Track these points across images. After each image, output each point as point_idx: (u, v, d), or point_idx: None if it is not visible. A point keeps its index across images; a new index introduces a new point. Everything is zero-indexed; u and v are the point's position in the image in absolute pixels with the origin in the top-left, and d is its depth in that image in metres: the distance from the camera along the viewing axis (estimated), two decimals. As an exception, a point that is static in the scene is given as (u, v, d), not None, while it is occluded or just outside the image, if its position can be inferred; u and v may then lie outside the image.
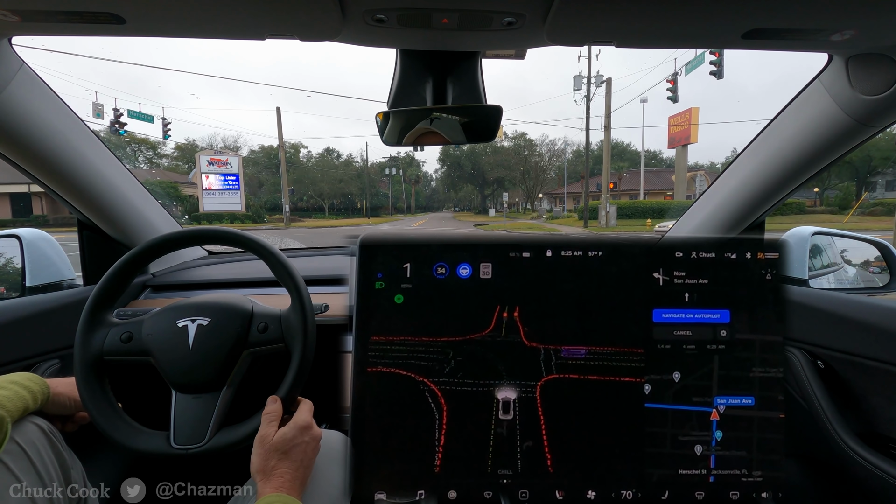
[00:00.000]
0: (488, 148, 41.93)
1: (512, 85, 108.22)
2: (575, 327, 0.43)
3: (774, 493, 0.43)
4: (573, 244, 0.44)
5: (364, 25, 0.59)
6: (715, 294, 0.44)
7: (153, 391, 0.84)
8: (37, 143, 0.81)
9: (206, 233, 0.82)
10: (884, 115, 0.71)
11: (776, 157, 0.89)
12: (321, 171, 45.76)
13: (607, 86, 18.96)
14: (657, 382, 0.43)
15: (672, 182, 25.75)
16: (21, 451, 0.61)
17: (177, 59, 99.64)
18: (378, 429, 0.42)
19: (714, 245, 0.44)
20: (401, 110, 0.72)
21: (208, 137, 47.04)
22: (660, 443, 0.43)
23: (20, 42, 0.71)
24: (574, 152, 43.36)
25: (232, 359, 0.75)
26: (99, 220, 1.06)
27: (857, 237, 1.26)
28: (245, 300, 0.81)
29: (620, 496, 0.42)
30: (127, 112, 19.07)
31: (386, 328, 0.43)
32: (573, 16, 0.56)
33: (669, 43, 0.64)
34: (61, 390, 0.72)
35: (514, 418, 0.42)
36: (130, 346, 0.74)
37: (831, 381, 0.89)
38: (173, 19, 0.58)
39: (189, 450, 0.70)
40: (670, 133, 21.66)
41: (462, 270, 0.43)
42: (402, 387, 0.44)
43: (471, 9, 0.55)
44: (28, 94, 0.76)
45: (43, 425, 0.67)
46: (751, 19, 0.56)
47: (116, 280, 0.77)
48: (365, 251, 0.43)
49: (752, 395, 0.44)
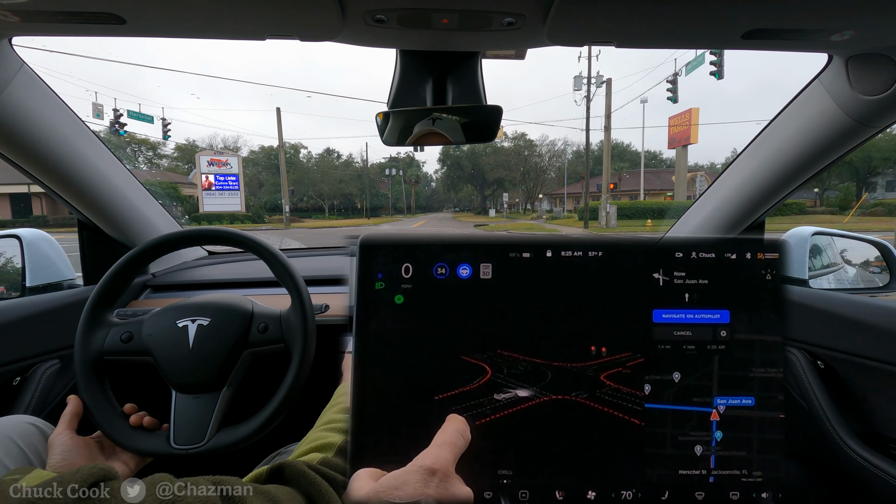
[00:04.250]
0: (488, 148, 41.94)
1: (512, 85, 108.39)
2: (575, 327, 0.43)
3: (774, 493, 0.43)
4: (573, 244, 0.43)
5: (364, 25, 0.59)
6: (715, 294, 0.44)
7: (153, 391, 0.84)
8: (37, 143, 0.81)
9: (206, 233, 0.82)
10: (884, 115, 0.71)
11: (776, 158, 0.89)
12: (321, 172, 45.77)
13: (607, 86, 18.97)
14: (657, 383, 0.43)
15: (672, 182, 25.76)
16: (21, 452, 0.61)
17: (177, 59, 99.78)
18: (378, 429, 0.42)
19: (714, 245, 0.44)
20: (401, 110, 0.72)
21: (208, 138, 47.10)
22: (660, 443, 0.43)
23: (20, 42, 0.71)
24: (574, 153, 43.40)
25: (232, 359, 0.75)
26: (99, 221, 1.06)
27: (857, 237, 1.26)
28: (245, 300, 0.81)
29: (620, 496, 0.42)
30: (127, 112, 19.08)
31: (386, 328, 0.43)
32: (573, 16, 0.56)
33: (669, 43, 0.64)
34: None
35: (514, 418, 0.42)
36: (130, 346, 0.74)
37: (831, 381, 0.89)
38: (173, 19, 0.58)
39: (189, 450, 0.70)
40: (670, 133, 21.67)
41: (462, 271, 0.43)
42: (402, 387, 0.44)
43: (471, 9, 0.55)
44: (28, 95, 0.76)
45: (41, 426, 0.67)
46: (751, 19, 0.56)
47: (116, 280, 0.77)
48: (365, 251, 0.43)
49: (752, 396, 0.44)
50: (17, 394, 0.89)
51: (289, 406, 0.73)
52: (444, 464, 0.36)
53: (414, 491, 0.34)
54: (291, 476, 0.48)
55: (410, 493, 0.34)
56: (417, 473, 0.35)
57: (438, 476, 0.35)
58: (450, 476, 0.36)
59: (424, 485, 0.34)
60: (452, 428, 0.39)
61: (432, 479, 0.35)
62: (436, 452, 0.37)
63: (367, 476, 0.37)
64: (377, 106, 0.75)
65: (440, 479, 0.35)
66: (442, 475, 0.35)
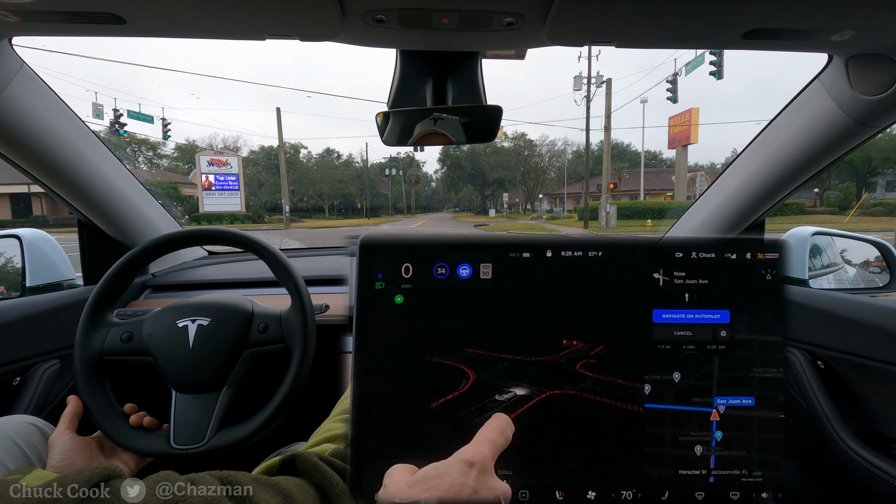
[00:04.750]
0: (488, 148, 41.94)
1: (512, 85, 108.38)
2: (575, 327, 0.43)
3: (774, 493, 0.43)
4: (573, 244, 0.43)
5: (364, 26, 0.59)
6: (715, 294, 0.44)
7: (153, 391, 0.84)
8: (37, 143, 0.81)
9: (206, 233, 0.82)
10: (884, 115, 0.71)
11: (776, 158, 0.89)
12: (321, 172, 45.76)
13: (607, 86, 18.96)
14: (657, 383, 0.43)
15: (672, 182, 25.75)
16: (21, 452, 0.61)
17: (177, 59, 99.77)
18: (378, 429, 0.42)
19: (714, 245, 0.44)
20: (401, 110, 0.72)
21: (208, 138, 47.04)
22: (660, 443, 0.43)
23: (20, 42, 0.71)
24: (574, 153, 43.37)
25: (232, 359, 0.75)
26: (99, 221, 1.06)
27: (857, 237, 1.26)
28: (245, 300, 0.81)
29: (620, 496, 0.42)
30: (127, 112, 19.08)
31: (386, 328, 0.43)
32: (573, 16, 0.56)
33: (669, 43, 0.64)
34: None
35: (514, 418, 0.42)
36: (131, 346, 0.74)
37: (831, 381, 0.89)
38: (173, 19, 0.58)
39: (189, 450, 0.70)
40: (670, 133, 21.66)
41: (462, 271, 0.43)
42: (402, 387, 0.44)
43: (471, 9, 0.55)
44: (28, 95, 0.76)
45: (41, 426, 0.67)
46: (751, 19, 0.56)
47: (116, 280, 0.77)
48: (365, 251, 0.43)
49: (752, 396, 0.44)
50: (17, 394, 0.89)
51: (289, 406, 0.73)
52: (482, 458, 0.37)
53: (453, 480, 0.35)
54: (303, 467, 0.49)
55: (449, 483, 0.35)
56: (457, 465, 0.36)
57: (477, 469, 0.36)
58: (488, 470, 0.37)
59: (463, 476, 0.35)
60: (494, 426, 0.40)
61: (471, 471, 0.36)
62: (476, 447, 0.38)
63: (402, 471, 0.38)
64: (377, 106, 0.75)
65: (478, 473, 0.36)
66: (480, 468, 0.36)
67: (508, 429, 0.40)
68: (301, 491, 0.46)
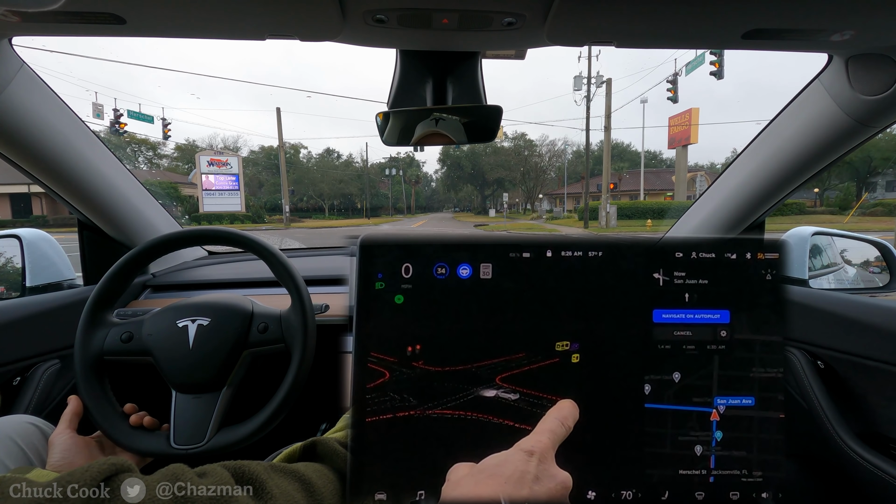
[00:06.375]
0: (488, 148, 41.93)
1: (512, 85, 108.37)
2: (575, 327, 0.43)
3: (774, 493, 0.43)
4: (573, 244, 0.43)
5: (364, 26, 0.59)
6: (715, 294, 0.44)
7: (153, 391, 0.84)
8: (37, 143, 0.81)
9: (206, 233, 0.82)
10: (884, 115, 0.71)
11: (776, 158, 0.89)
12: (321, 172, 45.76)
13: (607, 86, 18.96)
14: (657, 383, 0.43)
15: (672, 182, 25.75)
16: (21, 452, 0.61)
17: (177, 59, 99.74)
18: (378, 428, 0.41)
19: (714, 245, 0.44)
20: (401, 110, 0.72)
21: (208, 138, 47.08)
22: (660, 443, 0.43)
23: (20, 42, 0.71)
24: (574, 153, 43.36)
25: (232, 359, 0.75)
26: (99, 221, 1.06)
27: (857, 237, 1.26)
28: (245, 300, 0.81)
29: (620, 496, 0.42)
30: (127, 112, 19.07)
31: (386, 328, 0.43)
32: (573, 16, 0.56)
33: (669, 43, 0.64)
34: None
35: (514, 418, 0.42)
36: (131, 346, 0.74)
37: (831, 381, 0.89)
38: (173, 19, 0.58)
39: (189, 450, 0.70)
40: (670, 133, 21.66)
41: (462, 271, 0.43)
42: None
43: (471, 9, 0.55)
44: (28, 95, 0.76)
45: (41, 426, 0.67)
46: (751, 19, 0.56)
47: (116, 280, 0.77)
48: (365, 251, 0.43)
49: (752, 396, 0.44)
50: (18, 394, 0.89)
51: (289, 406, 0.73)
52: (542, 448, 0.38)
53: (514, 468, 0.36)
54: (323, 453, 0.50)
55: (511, 470, 0.36)
56: (517, 454, 0.37)
57: (537, 457, 0.37)
58: (548, 459, 0.38)
59: (524, 463, 0.37)
60: (554, 416, 0.41)
61: (531, 459, 0.37)
62: (536, 437, 0.39)
63: (464, 466, 0.39)
64: (377, 106, 0.75)
65: (538, 461, 0.37)
66: (540, 457, 0.37)
67: (570, 417, 0.41)
68: (320, 476, 0.47)
